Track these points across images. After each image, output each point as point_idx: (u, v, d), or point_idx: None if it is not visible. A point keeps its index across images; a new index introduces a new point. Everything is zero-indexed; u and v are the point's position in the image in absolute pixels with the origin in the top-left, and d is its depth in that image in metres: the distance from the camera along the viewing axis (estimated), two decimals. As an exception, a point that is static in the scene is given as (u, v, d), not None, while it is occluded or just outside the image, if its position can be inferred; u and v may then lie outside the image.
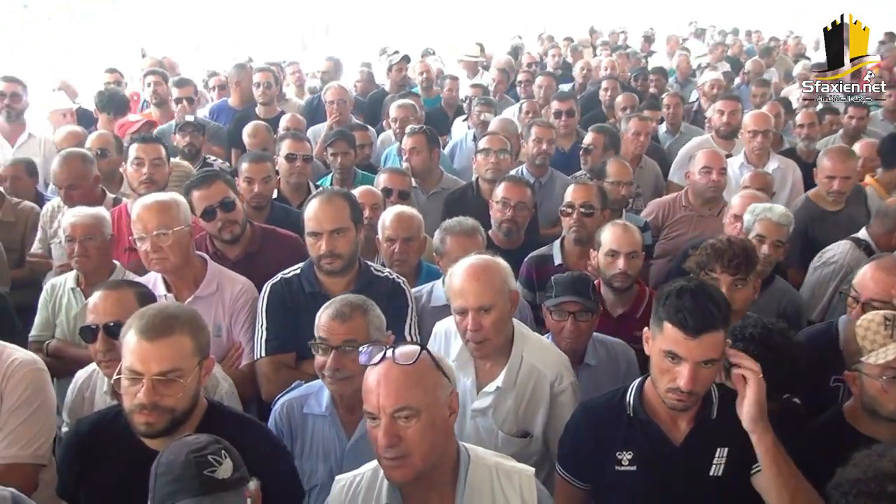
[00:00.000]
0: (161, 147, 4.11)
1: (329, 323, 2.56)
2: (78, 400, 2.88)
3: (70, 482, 2.30)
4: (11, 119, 5.46)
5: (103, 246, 3.54)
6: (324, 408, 2.63)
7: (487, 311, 2.61)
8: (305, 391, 2.71)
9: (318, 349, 2.57)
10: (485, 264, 2.69)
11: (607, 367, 3.12)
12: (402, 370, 1.89)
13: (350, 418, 2.64)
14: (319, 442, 2.64)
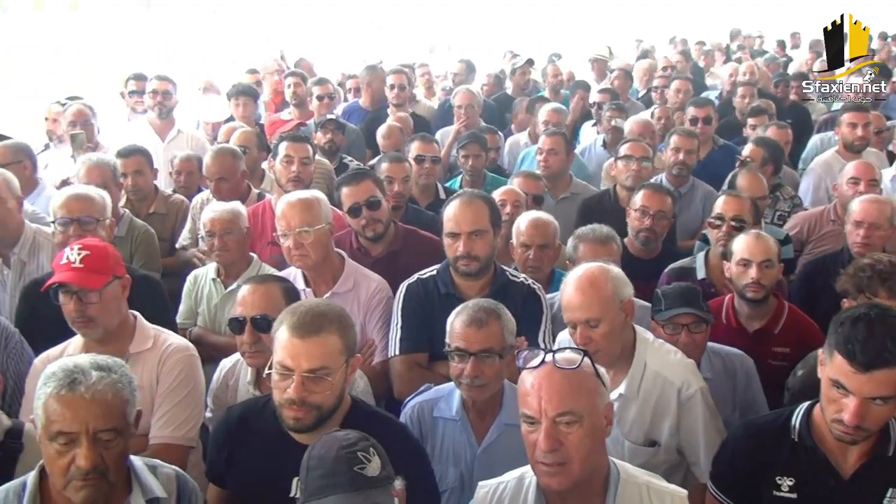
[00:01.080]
0: (309, 146, 4.24)
1: (465, 330, 2.55)
2: (222, 388, 3.00)
3: (218, 466, 2.40)
4: (163, 115, 5.77)
5: (241, 239, 3.67)
6: (454, 412, 2.63)
7: (595, 325, 2.57)
8: (435, 394, 2.72)
9: (453, 357, 2.57)
10: (592, 276, 2.62)
11: (723, 380, 3.01)
12: (565, 374, 1.87)
13: (480, 423, 2.64)
14: (450, 446, 2.64)
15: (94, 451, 1.89)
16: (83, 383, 1.91)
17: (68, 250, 2.70)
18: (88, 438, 1.89)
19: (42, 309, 3.12)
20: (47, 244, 3.62)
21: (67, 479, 1.91)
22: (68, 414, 1.89)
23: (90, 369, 1.93)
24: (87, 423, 1.89)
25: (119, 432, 1.94)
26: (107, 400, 1.92)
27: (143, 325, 2.84)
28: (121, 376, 1.98)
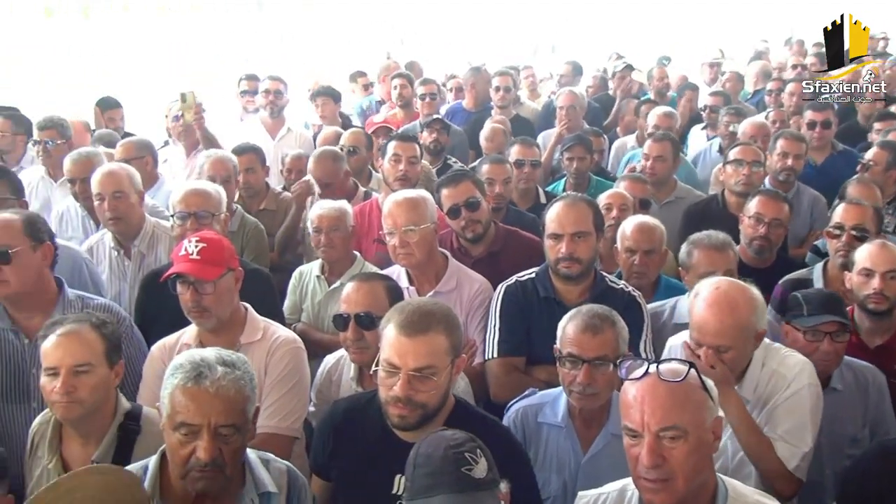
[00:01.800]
0: (416, 146, 4.28)
1: (579, 336, 2.50)
2: (325, 383, 3.05)
3: (322, 459, 2.44)
4: (274, 114, 5.96)
5: (346, 237, 3.74)
6: (560, 418, 2.59)
7: (725, 352, 2.46)
8: (540, 399, 2.68)
9: (564, 363, 2.52)
10: (733, 299, 2.48)
11: (855, 394, 2.86)
12: (669, 388, 1.81)
13: (586, 432, 2.59)
14: (554, 453, 2.60)
15: (214, 445, 1.95)
16: (209, 378, 1.97)
17: (186, 242, 2.81)
18: (209, 432, 1.95)
19: (159, 298, 3.25)
20: (165, 237, 3.79)
21: (186, 469, 1.98)
22: (192, 407, 1.95)
23: (216, 364, 2.00)
24: (210, 417, 1.95)
25: (238, 429, 2.00)
26: (229, 396, 1.98)
27: (253, 317, 2.92)
28: (244, 373, 2.04)
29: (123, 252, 3.76)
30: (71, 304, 2.91)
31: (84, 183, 4.06)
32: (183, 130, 5.49)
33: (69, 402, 2.31)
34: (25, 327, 2.86)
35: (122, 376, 2.51)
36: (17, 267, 2.78)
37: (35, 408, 2.76)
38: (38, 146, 5.00)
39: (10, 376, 2.82)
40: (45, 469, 2.43)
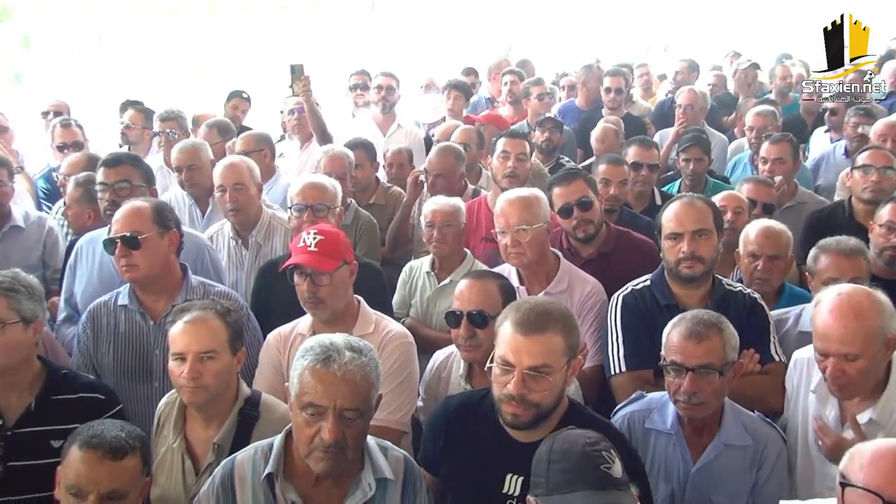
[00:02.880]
0: (526, 143, 4.24)
1: (683, 343, 2.42)
2: (434, 379, 3.06)
3: (433, 454, 2.44)
4: (385, 110, 6.03)
5: (459, 234, 3.74)
6: (669, 425, 2.51)
7: (853, 360, 2.32)
8: (648, 405, 2.60)
9: (668, 370, 2.44)
10: (858, 306, 2.35)
11: None
12: None
13: (697, 440, 2.50)
14: (661, 460, 2.53)
15: (338, 427, 1.99)
16: (336, 361, 2.01)
17: (305, 234, 2.88)
18: (335, 414, 1.99)
19: (275, 288, 3.36)
20: (281, 228, 3.89)
21: (310, 449, 2.03)
22: (320, 388, 2.00)
23: (344, 349, 2.04)
24: (336, 399, 1.99)
25: (361, 413, 2.04)
26: (355, 380, 2.01)
27: (365, 310, 2.96)
28: (369, 360, 2.07)
29: (241, 242, 3.88)
30: (194, 290, 3.02)
31: (190, 171, 4.25)
32: (297, 124, 5.64)
33: (195, 387, 2.41)
34: (151, 310, 2.99)
35: (243, 363, 2.59)
36: (146, 252, 2.91)
37: (157, 387, 2.89)
38: (160, 137, 5.26)
39: (136, 356, 2.96)
40: (169, 448, 2.53)
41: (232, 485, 2.15)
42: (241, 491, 2.14)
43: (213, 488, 2.16)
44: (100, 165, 3.63)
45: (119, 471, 2.08)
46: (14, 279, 2.53)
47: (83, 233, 3.84)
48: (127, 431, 2.15)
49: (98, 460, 2.06)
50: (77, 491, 2.05)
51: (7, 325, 2.46)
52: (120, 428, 2.16)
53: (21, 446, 2.48)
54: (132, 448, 2.12)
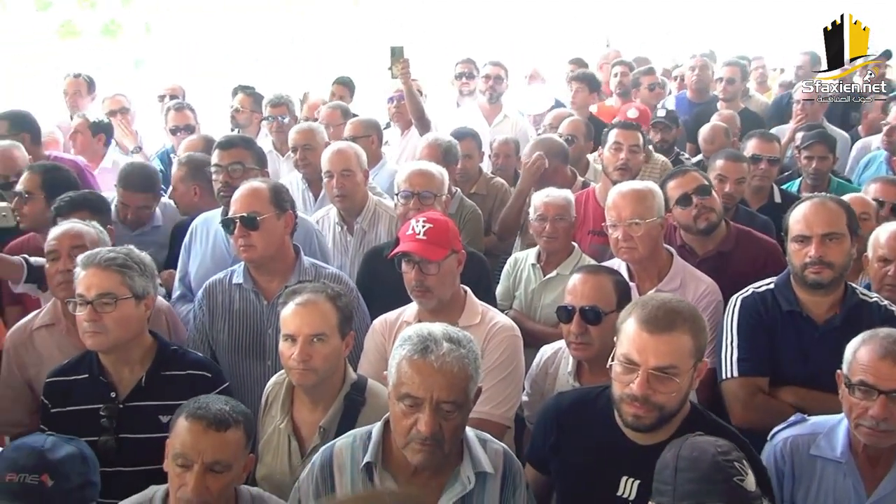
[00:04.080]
0: (639, 134, 4.10)
1: (877, 363, 2.17)
2: (541, 374, 2.98)
3: (542, 451, 2.37)
4: (492, 100, 5.96)
5: (569, 227, 3.66)
6: (839, 453, 2.29)
7: None
8: (812, 429, 2.38)
9: (855, 391, 2.19)
10: None
11: None
12: None
13: (871, 471, 2.28)
14: (829, 491, 2.31)
15: (435, 420, 1.95)
16: (434, 352, 1.97)
17: (414, 222, 2.85)
18: (431, 406, 1.95)
19: (380, 274, 3.36)
20: (386, 215, 3.89)
21: (407, 440, 1.99)
22: (417, 379, 1.96)
23: (442, 340, 1.99)
24: (432, 391, 1.95)
25: (459, 406, 1.98)
26: (453, 372, 1.96)
27: (472, 301, 2.92)
28: (468, 352, 2.01)
29: (346, 228, 3.90)
30: (306, 272, 3.04)
31: (305, 150, 4.31)
32: (396, 111, 5.64)
33: (304, 369, 2.41)
34: (265, 289, 3.03)
35: (351, 347, 2.58)
36: (263, 233, 2.94)
37: (269, 366, 2.92)
38: (271, 122, 5.36)
39: (250, 334, 3.00)
40: (276, 428, 2.55)
41: (331, 472, 2.14)
42: (339, 479, 2.13)
43: (312, 475, 2.16)
44: (214, 147, 3.71)
45: (223, 442, 2.11)
46: (127, 256, 2.60)
47: (190, 212, 3.95)
48: (231, 406, 2.19)
49: (203, 431, 2.09)
50: (183, 460, 2.09)
51: (119, 301, 2.52)
52: (224, 402, 2.19)
53: (132, 419, 2.55)
54: (235, 421, 2.14)
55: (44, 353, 2.92)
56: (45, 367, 2.78)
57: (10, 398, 2.94)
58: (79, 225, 3.00)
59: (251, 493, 2.30)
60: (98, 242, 2.90)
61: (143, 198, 3.99)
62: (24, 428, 2.84)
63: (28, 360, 2.93)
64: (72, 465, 1.80)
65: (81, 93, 5.92)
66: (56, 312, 2.96)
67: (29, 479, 1.75)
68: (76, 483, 1.80)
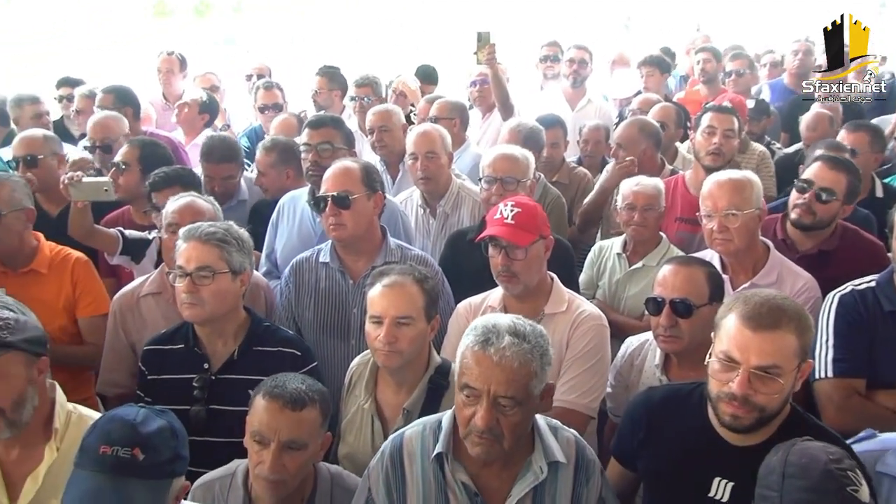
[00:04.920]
0: (735, 118, 3.94)
1: None
2: (626, 366, 2.91)
3: (629, 446, 2.31)
4: (576, 84, 5.87)
5: (658, 217, 3.57)
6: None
7: None
8: (881, 445, 2.22)
9: None
10: None
11: None
12: None
13: None
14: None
15: (491, 414, 1.91)
16: (494, 345, 1.92)
17: (502, 206, 2.81)
18: (488, 400, 1.91)
19: (462, 258, 3.35)
20: (469, 199, 3.86)
21: (467, 431, 1.97)
22: (476, 371, 1.92)
23: (505, 333, 1.93)
24: (490, 384, 1.91)
25: (518, 402, 1.93)
26: (512, 367, 1.91)
27: (559, 288, 2.87)
28: (534, 347, 1.94)
29: (429, 210, 3.89)
30: (392, 253, 3.04)
31: (381, 132, 4.30)
32: (479, 95, 5.60)
33: (390, 351, 2.41)
34: (351, 269, 3.04)
35: (436, 331, 2.57)
36: (354, 212, 2.95)
37: (353, 345, 2.94)
38: (355, 102, 5.39)
39: (335, 313, 3.02)
40: (360, 408, 2.57)
41: (401, 461, 2.12)
42: (410, 468, 2.11)
43: (382, 464, 2.14)
44: (304, 127, 3.75)
45: (299, 421, 2.12)
46: (227, 231, 2.64)
47: (280, 196, 3.99)
48: (308, 385, 2.20)
49: (279, 409, 2.11)
50: (260, 438, 2.12)
51: (217, 275, 2.56)
52: (301, 381, 2.20)
53: (223, 392, 2.60)
54: (311, 400, 2.16)
55: (148, 319, 3.01)
56: (148, 333, 2.87)
57: (113, 360, 3.05)
58: (199, 200, 3.06)
59: (330, 470, 2.33)
60: (215, 218, 2.95)
61: (227, 168, 4.06)
62: (124, 389, 2.97)
63: (132, 325, 3.03)
64: (162, 439, 1.83)
65: (174, 70, 6.07)
66: (163, 281, 3.04)
67: (122, 453, 1.77)
68: (166, 457, 1.82)
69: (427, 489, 2.08)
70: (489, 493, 2.05)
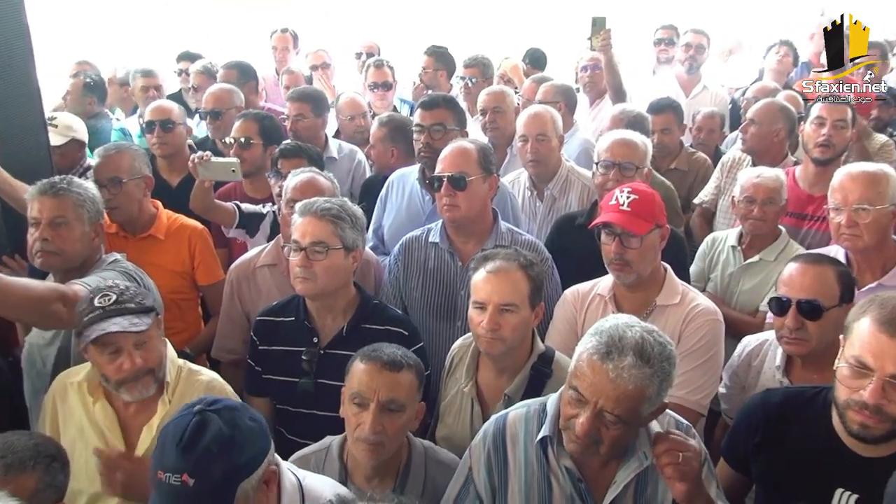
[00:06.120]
0: (848, 109, 3.71)
1: None
2: (743, 366, 2.78)
3: (743, 449, 2.21)
4: (692, 70, 5.65)
5: (779, 211, 3.40)
6: None
7: None
8: None
9: None
10: None
11: None
12: None
13: None
14: None
15: (594, 425, 1.86)
16: (614, 360, 1.84)
17: (618, 192, 2.73)
18: (593, 411, 1.85)
19: (569, 242, 3.30)
20: (578, 183, 3.79)
21: (566, 427, 1.94)
22: (588, 379, 1.86)
23: (629, 351, 1.84)
24: (599, 398, 1.84)
25: (623, 421, 1.86)
26: (626, 389, 1.83)
27: (672, 279, 2.78)
28: (655, 372, 1.84)
29: (536, 193, 3.84)
30: (503, 237, 3.00)
31: (494, 113, 4.28)
32: (589, 80, 5.48)
33: (492, 338, 2.38)
34: (461, 251, 3.02)
35: (541, 318, 2.52)
36: (469, 194, 2.92)
37: (459, 327, 2.93)
38: (462, 82, 5.36)
39: (442, 294, 3.01)
40: (460, 390, 2.55)
41: (503, 442, 2.10)
42: (512, 451, 2.09)
43: (484, 443, 2.12)
44: (417, 107, 3.74)
45: (397, 381, 2.15)
46: (342, 208, 2.66)
47: (385, 171, 4.02)
48: (403, 351, 2.23)
49: (378, 370, 2.15)
50: (360, 399, 2.14)
51: (330, 250, 2.58)
52: (397, 348, 2.24)
53: (330, 366, 2.62)
54: (408, 365, 2.19)
55: (263, 289, 3.09)
56: (263, 303, 2.94)
57: (228, 326, 3.16)
58: (319, 177, 3.10)
59: (423, 443, 2.34)
60: (334, 195, 2.98)
61: (299, 107, 4.32)
62: (237, 355, 3.06)
63: (247, 295, 3.12)
64: (212, 456, 1.69)
65: (288, 47, 6.19)
66: (278, 254, 3.11)
67: (173, 480, 1.66)
68: (218, 475, 1.67)
69: (529, 472, 2.05)
70: (593, 479, 2.02)
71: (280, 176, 3.35)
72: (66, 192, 2.75)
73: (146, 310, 2.29)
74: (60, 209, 2.72)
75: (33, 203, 2.75)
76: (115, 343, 2.23)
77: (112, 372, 2.25)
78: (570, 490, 2.02)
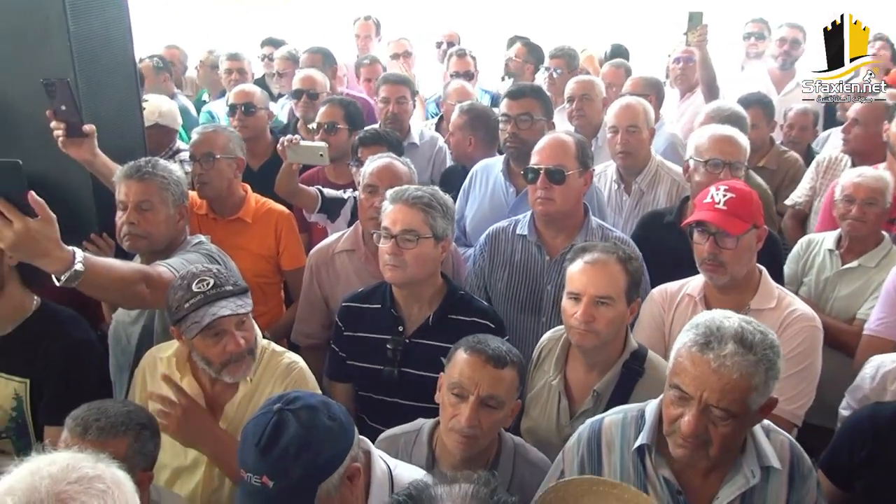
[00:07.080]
0: None
1: None
2: (878, 389, 2.57)
3: (846, 462, 2.13)
4: (785, 66, 5.44)
5: (882, 213, 3.25)
6: None
7: None
8: None
9: None
10: None
11: None
12: None
13: None
14: None
15: (701, 422, 1.78)
16: (714, 350, 1.76)
17: (714, 190, 2.63)
18: (699, 406, 1.77)
19: (656, 239, 3.20)
20: (667, 178, 3.69)
21: (671, 431, 1.86)
22: (690, 374, 1.78)
23: (729, 339, 1.76)
24: (703, 391, 1.77)
25: (732, 415, 1.77)
26: (730, 378, 1.75)
27: (767, 282, 2.67)
28: (760, 359, 1.76)
29: (624, 186, 3.76)
30: (593, 233, 2.94)
31: (581, 101, 4.24)
32: (680, 73, 5.34)
33: (586, 330, 2.33)
34: (549, 244, 2.96)
35: (636, 314, 2.46)
36: (565, 188, 2.86)
37: (544, 322, 2.88)
38: (547, 73, 5.30)
39: (527, 287, 2.96)
40: (547, 383, 2.50)
41: (598, 448, 2.04)
42: (608, 457, 2.02)
43: (578, 447, 2.07)
44: (503, 96, 3.69)
45: (500, 377, 2.10)
46: (433, 196, 2.63)
47: (462, 160, 3.98)
48: (507, 347, 2.18)
49: (482, 364, 2.10)
50: (460, 391, 2.10)
51: (421, 239, 2.57)
52: (501, 342, 2.19)
53: (415, 355, 2.62)
54: (511, 362, 2.14)
55: (342, 274, 3.11)
56: (341, 288, 2.96)
57: (307, 311, 3.19)
58: (397, 163, 3.09)
59: (514, 440, 2.30)
60: (412, 181, 2.98)
61: (400, 89, 4.37)
62: (316, 340, 3.10)
63: (326, 280, 3.14)
64: (290, 458, 1.66)
65: (371, 35, 6.22)
66: (357, 239, 3.12)
67: (254, 481, 1.66)
68: (297, 476, 1.65)
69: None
70: (693, 493, 1.94)
71: (361, 164, 3.36)
72: (152, 176, 2.77)
73: (244, 290, 2.33)
74: (146, 193, 2.75)
75: (120, 186, 2.78)
76: (218, 325, 2.25)
77: (217, 354, 2.28)
78: (667, 501, 1.95)
